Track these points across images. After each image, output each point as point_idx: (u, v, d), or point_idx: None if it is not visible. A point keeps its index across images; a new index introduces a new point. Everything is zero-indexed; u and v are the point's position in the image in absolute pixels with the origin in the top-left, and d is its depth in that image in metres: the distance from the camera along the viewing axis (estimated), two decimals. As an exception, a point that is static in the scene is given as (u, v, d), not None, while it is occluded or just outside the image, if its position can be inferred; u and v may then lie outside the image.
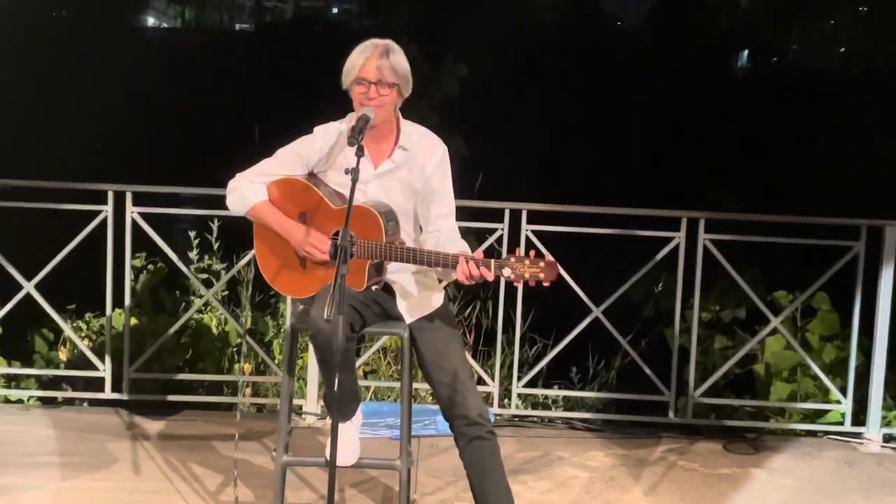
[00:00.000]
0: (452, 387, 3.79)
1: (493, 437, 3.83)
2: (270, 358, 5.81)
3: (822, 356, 5.90)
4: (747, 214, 5.77)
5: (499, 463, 3.84)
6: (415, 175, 3.85)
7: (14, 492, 4.46)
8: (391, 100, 3.78)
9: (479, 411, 3.80)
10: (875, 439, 5.54)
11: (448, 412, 3.81)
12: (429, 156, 3.87)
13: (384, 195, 3.82)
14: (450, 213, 3.92)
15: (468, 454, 3.81)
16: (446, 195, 3.91)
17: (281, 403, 4.03)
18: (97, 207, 5.53)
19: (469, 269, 3.58)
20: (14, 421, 5.37)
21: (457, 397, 3.78)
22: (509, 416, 5.70)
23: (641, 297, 6.63)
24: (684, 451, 5.33)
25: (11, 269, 5.61)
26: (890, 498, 4.82)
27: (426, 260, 3.68)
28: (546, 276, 3.56)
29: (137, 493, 4.52)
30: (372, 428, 5.18)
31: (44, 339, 6.30)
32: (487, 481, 3.81)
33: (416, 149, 3.87)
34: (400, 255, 3.70)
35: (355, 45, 3.84)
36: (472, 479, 3.84)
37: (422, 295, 3.90)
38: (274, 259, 3.89)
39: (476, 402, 3.82)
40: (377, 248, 3.68)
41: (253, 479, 4.65)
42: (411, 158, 3.85)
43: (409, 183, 3.85)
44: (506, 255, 3.61)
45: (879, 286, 5.49)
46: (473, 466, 3.82)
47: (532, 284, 3.59)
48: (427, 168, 3.86)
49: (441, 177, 3.89)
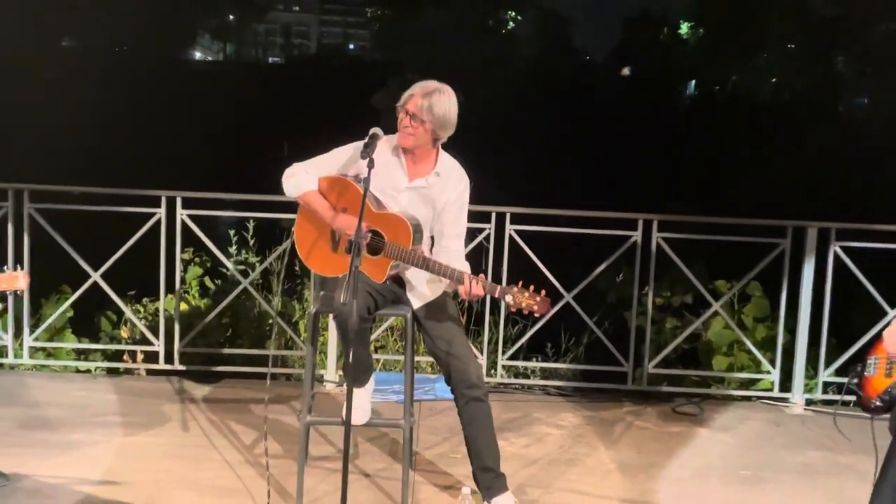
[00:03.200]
0: (456, 358, 3.80)
1: (487, 399, 3.84)
2: (297, 335, 5.80)
3: (755, 334, 5.91)
4: (694, 217, 5.76)
5: (491, 421, 3.85)
6: (440, 197, 3.84)
7: (84, 446, 4.46)
8: (421, 133, 3.74)
9: (478, 377, 3.83)
10: (799, 403, 5.55)
11: (451, 379, 3.82)
12: (455, 184, 3.86)
13: (411, 206, 3.81)
14: (461, 235, 3.91)
15: (466, 413, 3.83)
16: (461, 219, 3.90)
17: (305, 373, 4.03)
18: (152, 210, 5.52)
19: (472, 288, 3.61)
20: (83, 388, 5.37)
21: (459, 366, 3.80)
22: (495, 384, 5.69)
23: (605, 286, 6.62)
24: (640, 413, 5.33)
25: (81, 262, 5.61)
26: (811, 451, 4.82)
27: (439, 271, 3.68)
28: (539, 309, 3.59)
29: (185, 447, 4.51)
30: (381, 393, 5.18)
31: (108, 319, 6.30)
32: (481, 436, 3.83)
33: (447, 176, 3.86)
34: (419, 263, 3.69)
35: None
36: (467, 434, 3.85)
37: (428, 287, 3.91)
38: (310, 239, 3.86)
39: (475, 370, 3.83)
40: (403, 252, 3.68)
41: (281, 435, 4.65)
42: (441, 183, 3.84)
43: (433, 202, 3.84)
44: (510, 285, 3.62)
45: (802, 276, 5.49)
46: (470, 423, 3.83)
47: (525, 313, 3.62)
48: (452, 194, 3.85)
49: (461, 203, 3.88)
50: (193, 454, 4.43)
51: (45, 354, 5.82)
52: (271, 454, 4.26)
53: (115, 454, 4.38)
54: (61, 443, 4.48)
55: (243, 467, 4.28)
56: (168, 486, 4.05)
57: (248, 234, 6.33)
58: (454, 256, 3.82)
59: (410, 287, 3.90)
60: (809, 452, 4.81)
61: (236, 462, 4.34)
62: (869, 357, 3.40)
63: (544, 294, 3.59)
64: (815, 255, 5.46)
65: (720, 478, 4.44)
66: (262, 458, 4.23)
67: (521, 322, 6.32)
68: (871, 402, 3.34)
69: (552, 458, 4.58)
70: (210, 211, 5.74)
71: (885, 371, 3.33)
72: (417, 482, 4.18)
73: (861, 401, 3.39)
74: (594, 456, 4.65)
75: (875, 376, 3.35)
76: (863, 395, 3.37)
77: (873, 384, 3.35)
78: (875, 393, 3.32)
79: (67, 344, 5.90)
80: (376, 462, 4.41)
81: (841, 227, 5.51)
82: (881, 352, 3.35)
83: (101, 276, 5.60)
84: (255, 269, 5.96)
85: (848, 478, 4.38)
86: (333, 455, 4.43)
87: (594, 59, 63.26)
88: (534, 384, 5.81)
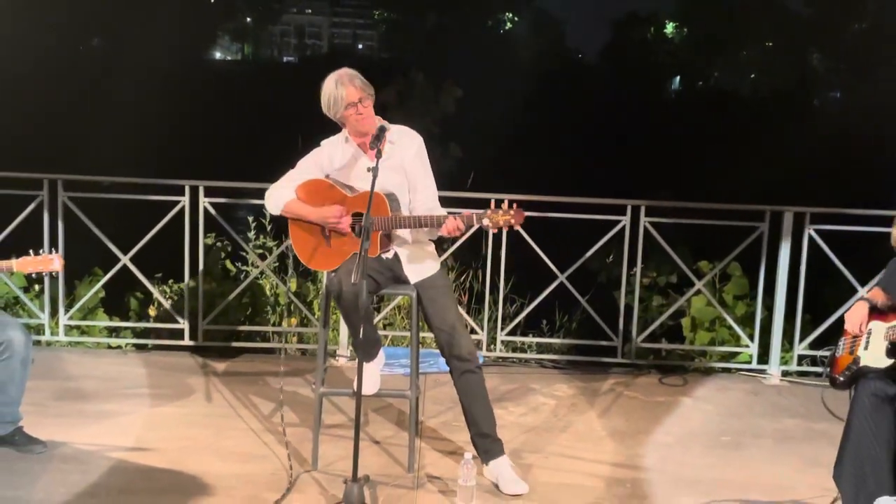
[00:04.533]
0: (449, 333, 3.80)
1: (480, 371, 3.85)
2: (311, 314, 5.81)
3: (735, 311, 5.89)
4: (678, 202, 5.74)
5: (484, 390, 3.86)
6: (402, 158, 3.86)
7: (115, 416, 4.47)
8: (370, 108, 3.80)
9: (469, 351, 3.82)
10: (775, 374, 5.55)
11: (445, 352, 3.82)
12: (409, 142, 3.89)
13: (384, 178, 3.76)
14: (432, 188, 3.92)
15: (461, 384, 3.84)
16: (428, 176, 3.91)
17: (319, 348, 4.04)
18: (176, 198, 5.52)
19: (455, 223, 3.61)
20: (114, 362, 5.38)
21: (452, 341, 3.80)
22: (494, 358, 5.70)
23: (596, 267, 6.62)
24: (629, 384, 5.34)
25: (111, 246, 5.61)
26: (787, 419, 4.82)
27: (421, 223, 3.70)
28: (515, 220, 3.57)
29: (209, 417, 4.53)
30: (389, 367, 5.18)
31: (136, 300, 6.29)
32: (476, 404, 3.84)
33: (399, 140, 3.88)
34: (401, 223, 3.72)
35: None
36: (463, 404, 3.86)
37: (422, 261, 3.91)
38: (306, 245, 3.89)
39: (467, 344, 3.83)
40: (385, 221, 3.71)
41: (297, 406, 4.66)
42: (398, 148, 3.86)
43: (399, 165, 3.85)
44: (483, 210, 3.62)
45: (779, 257, 5.49)
46: (464, 393, 3.84)
47: (506, 229, 3.62)
48: (410, 150, 3.88)
49: (421, 158, 3.90)
50: (216, 423, 4.44)
51: (79, 332, 5.83)
52: (288, 423, 4.28)
53: (144, 423, 4.40)
54: (95, 413, 4.50)
55: (263, 435, 4.29)
56: (193, 452, 4.07)
57: (265, 220, 6.32)
58: (432, 207, 3.85)
59: (405, 261, 3.90)
60: (785, 420, 4.82)
61: (256, 430, 4.35)
62: (840, 340, 3.49)
63: (516, 206, 3.58)
64: (790, 237, 5.45)
65: (702, 443, 4.45)
66: (280, 427, 4.25)
67: (519, 301, 6.32)
68: (836, 378, 3.43)
69: (548, 426, 4.59)
70: (230, 199, 5.74)
71: (849, 349, 3.39)
72: (423, 448, 4.19)
73: (830, 378, 3.48)
74: (586, 423, 4.66)
75: (842, 356, 3.45)
76: (831, 373, 3.47)
77: (840, 362, 3.45)
78: (840, 369, 3.39)
79: (100, 322, 5.92)
80: (385, 430, 4.42)
81: (815, 211, 5.49)
82: (847, 334, 3.46)
83: (130, 260, 5.61)
84: (272, 252, 5.96)
85: (822, 443, 4.38)
86: (345, 423, 4.44)
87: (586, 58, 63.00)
88: (530, 358, 5.81)
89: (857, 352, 3.36)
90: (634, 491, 3.87)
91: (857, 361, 3.34)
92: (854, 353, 3.37)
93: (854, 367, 3.34)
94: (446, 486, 3.80)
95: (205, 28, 50.65)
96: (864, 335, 3.37)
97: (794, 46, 48.74)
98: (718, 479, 4.00)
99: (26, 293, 5.85)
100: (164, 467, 3.89)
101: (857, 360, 3.34)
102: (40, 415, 4.29)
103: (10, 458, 3.89)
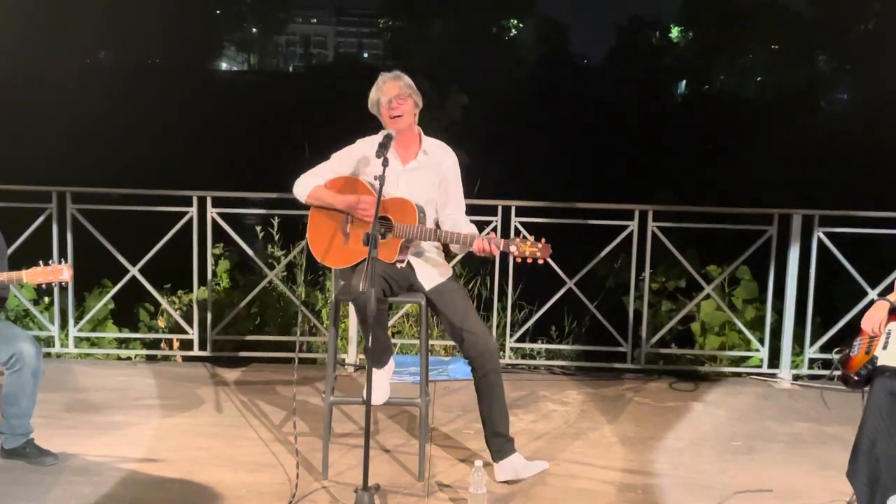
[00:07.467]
0: (472, 334, 3.82)
1: (500, 373, 3.88)
2: (319, 322, 5.81)
3: (745, 315, 5.87)
4: (686, 206, 5.73)
5: (503, 391, 3.88)
6: (435, 172, 3.91)
7: (125, 427, 4.48)
8: (409, 107, 3.84)
9: (494, 349, 3.86)
10: (786, 378, 5.52)
11: (470, 352, 3.83)
12: (443, 157, 3.96)
13: (413, 187, 3.84)
14: (461, 204, 4.00)
15: (482, 384, 3.85)
16: (458, 190, 3.99)
17: (328, 357, 4.04)
18: (185, 209, 5.53)
19: (483, 244, 3.69)
20: (124, 373, 5.39)
21: (476, 342, 3.81)
22: (504, 365, 5.68)
23: (604, 272, 6.60)
24: (639, 390, 5.32)
25: (120, 258, 5.62)
26: (797, 423, 4.80)
27: (449, 238, 3.76)
28: (542, 254, 3.65)
29: (219, 427, 4.53)
30: (398, 375, 5.16)
31: (146, 310, 6.31)
32: (495, 405, 3.86)
33: (434, 153, 3.94)
34: (429, 235, 3.77)
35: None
36: (483, 403, 3.88)
37: (435, 268, 3.94)
38: (322, 240, 3.91)
39: (491, 343, 3.85)
40: (412, 230, 3.74)
41: (307, 414, 4.66)
42: (431, 160, 3.91)
43: (430, 177, 3.90)
44: (511, 238, 3.69)
45: (788, 261, 5.47)
46: (485, 394, 3.86)
47: (529, 261, 3.68)
48: (443, 165, 3.94)
49: (454, 174, 3.97)
50: (227, 433, 4.44)
51: (89, 343, 5.84)
52: (299, 432, 4.27)
53: (155, 434, 4.41)
54: (105, 424, 4.50)
55: (273, 444, 4.29)
56: (204, 462, 4.07)
57: (273, 230, 6.34)
58: (460, 222, 3.91)
59: (419, 269, 3.91)
60: (797, 423, 4.79)
61: (266, 440, 4.35)
62: (855, 340, 3.49)
63: (544, 241, 3.66)
64: (799, 240, 5.43)
65: (713, 448, 4.43)
66: (290, 436, 4.25)
67: (527, 307, 6.31)
68: (851, 376, 3.43)
69: (558, 433, 4.57)
70: (238, 209, 5.75)
71: (865, 349, 3.40)
72: (433, 456, 4.18)
73: (844, 376, 3.48)
74: (597, 430, 4.64)
75: (857, 355, 3.45)
76: (845, 371, 3.47)
77: (855, 361, 3.45)
78: (855, 368, 3.40)
79: (109, 333, 5.93)
80: (395, 438, 4.41)
81: (824, 213, 5.47)
82: (864, 334, 3.46)
83: (139, 271, 5.62)
84: (280, 262, 5.97)
85: (833, 447, 4.36)
86: (355, 432, 4.44)
87: (591, 63, 63.03)
88: (540, 364, 5.80)
89: (874, 351, 3.36)
90: (646, 497, 3.85)
91: (874, 361, 3.34)
92: (870, 353, 3.37)
93: (870, 367, 3.34)
94: (457, 493, 3.79)
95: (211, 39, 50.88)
96: (883, 335, 3.37)
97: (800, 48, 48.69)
98: (730, 484, 3.98)
99: (36, 306, 5.87)
100: (175, 478, 3.89)
101: (873, 360, 3.34)
102: (51, 427, 4.29)
103: (22, 470, 3.90)
